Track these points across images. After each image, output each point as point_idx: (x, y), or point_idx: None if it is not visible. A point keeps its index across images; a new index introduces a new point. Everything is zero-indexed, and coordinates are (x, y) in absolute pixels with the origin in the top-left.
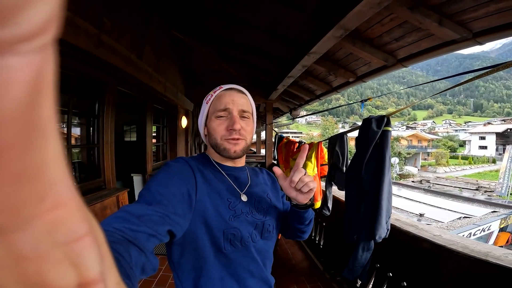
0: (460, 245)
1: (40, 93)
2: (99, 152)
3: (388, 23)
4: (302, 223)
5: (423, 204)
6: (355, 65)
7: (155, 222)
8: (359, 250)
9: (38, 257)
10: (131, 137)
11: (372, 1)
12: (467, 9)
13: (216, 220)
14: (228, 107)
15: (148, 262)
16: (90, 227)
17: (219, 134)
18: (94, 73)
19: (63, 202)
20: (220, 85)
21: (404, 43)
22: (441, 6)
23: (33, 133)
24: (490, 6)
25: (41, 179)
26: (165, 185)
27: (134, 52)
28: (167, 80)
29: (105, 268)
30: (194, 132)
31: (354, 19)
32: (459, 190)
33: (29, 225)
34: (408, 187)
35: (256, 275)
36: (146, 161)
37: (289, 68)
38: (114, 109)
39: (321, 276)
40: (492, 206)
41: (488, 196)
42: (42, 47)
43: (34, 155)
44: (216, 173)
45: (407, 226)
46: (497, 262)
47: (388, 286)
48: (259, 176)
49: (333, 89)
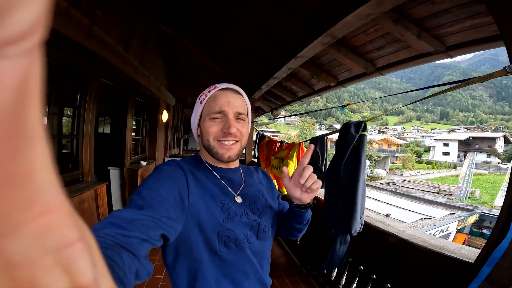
0: (420, 239)
1: (27, 97)
2: (78, 143)
3: (372, 33)
4: (301, 222)
5: (390, 205)
6: (337, 70)
7: (147, 227)
8: (337, 243)
9: (29, 264)
10: (104, 129)
11: (361, 13)
12: (445, 24)
13: (210, 223)
14: (224, 109)
15: (142, 267)
16: (81, 233)
17: (213, 135)
18: (79, 64)
19: (52, 208)
20: (215, 84)
21: (384, 52)
22: (422, 20)
23: (20, 138)
24: (465, 22)
25: (29, 185)
26: (156, 189)
27: (122, 44)
28: (151, 73)
29: (98, 274)
30: (174, 127)
31: (342, 28)
32: (422, 192)
33: (19, 232)
34: (377, 189)
35: (252, 277)
36: (124, 155)
37: (275, 69)
38: (96, 101)
39: (298, 270)
40: (451, 208)
41: (448, 199)
42: (28, 51)
43: (21, 160)
44: (208, 175)
45: (376, 222)
46: (451, 255)
47: (360, 279)
48: (254, 176)
49: (315, 92)
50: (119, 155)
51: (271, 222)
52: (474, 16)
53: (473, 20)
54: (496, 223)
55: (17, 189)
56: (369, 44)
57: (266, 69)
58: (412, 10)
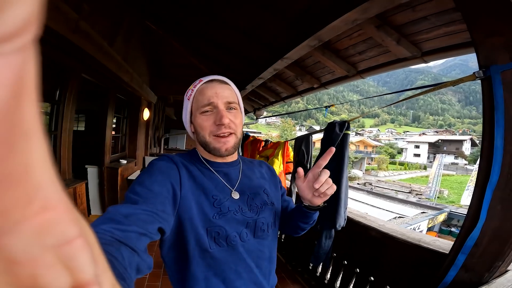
0: (399, 233)
1: (23, 94)
2: (56, 140)
3: (356, 37)
4: (307, 222)
5: (366, 204)
6: (320, 72)
7: (144, 221)
8: (323, 238)
9: (30, 261)
10: (78, 126)
11: (348, 18)
12: (422, 31)
13: (199, 218)
14: (212, 101)
15: (142, 261)
16: (81, 229)
17: (207, 130)
18: (61, 58)
19: (51, 205)
20: (200, 78)
21: (366, 56)
22: (402, 27)
23: (17, 135)
24: (441, 29)
25: (28, 182)
26: (150, 184)
27: (106, 39)
28: (134, 70)
29: (99, 270)
30: (155, 126)
31: (329, 32)
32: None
33: (18, 229)
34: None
35: (245, 277)
36: (104, 153)
37: (261, 70)
38: (76, 97)
39: (284, 267)
40: (421, 207)
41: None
42: (23, 47)
43: (18, 158)
44: (204, 169)
45: (358, 217)
46: (428, 247)
47: (344, 273)
48: (256, 170)
49: (298, 93)
50: (98, 153)
51: (271, 219)
52: (449, 24)
53: (447, 28)
54: (467, 213)
55: (15, 186)
56: (352, 48)
57: (251, 69)
58: (394, 17)
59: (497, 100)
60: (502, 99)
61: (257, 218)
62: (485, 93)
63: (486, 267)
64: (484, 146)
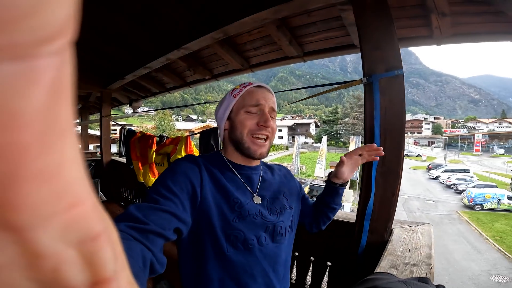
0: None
1: (59, 95)
2: None
3: (255, 34)
4: (338, 201)
5: None
6: (214, 64)
7: (162, 221)
8: None
9: (55, 255)
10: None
11: (259, 17)
12: (309, 34)
13: (219, 221)
14: (261, 103)
15: (156, 260)
16: (105, 226)
17: (247, 128)
18: None
19: (80, 201)
20: (250, 82)
21: (259, 52)
22: (296, 29)
23: (52, 134)
24: (322, 34)
25: (59, 178)
26: (171, 184)
27: None
28: None
29: (118, 267)
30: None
31: (237, 27)
32: None
33: (47, 224)
34: None
35: (260, 281)
36: None
37: (150, 59)
38: None
39: None
40: None
41: None
42: (60, 50)
43: (53, 155)
44: (227, 172)
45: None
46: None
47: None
48: (275, 174)
49: (186, 84)
50: None
51: (289, 223)
52: (329, 30)
53: (327, 33)
54: (361, 187)
55: (48, 182)
56: (250, 43)
57: (136, 58)
58: (292, 19)
59: (376, 101)
60: (379, 100)
61: (276, 222)
62: (367, 95)
63: (384, 228)
64: (366, 135)
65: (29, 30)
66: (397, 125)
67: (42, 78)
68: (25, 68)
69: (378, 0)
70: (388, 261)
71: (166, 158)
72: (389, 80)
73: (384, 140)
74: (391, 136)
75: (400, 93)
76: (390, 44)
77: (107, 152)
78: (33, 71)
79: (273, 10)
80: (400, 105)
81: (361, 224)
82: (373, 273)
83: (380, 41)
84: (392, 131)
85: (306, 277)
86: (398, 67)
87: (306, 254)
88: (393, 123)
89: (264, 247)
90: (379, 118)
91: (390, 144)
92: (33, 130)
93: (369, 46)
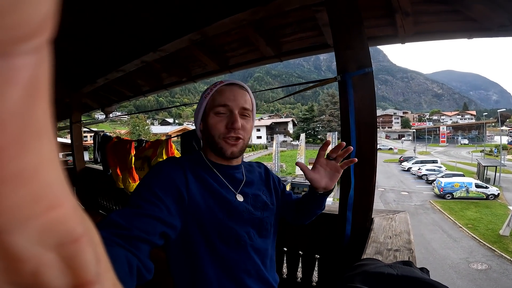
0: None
1: (36, 94)
2: None
3: (233, 35)
4: (320, 206)
5: None
6: (192, 66)
7: (146, 226)
8: None
9: (34, 259)
10: None
11: (238, 18)
12: (285, 34)
13: (210, 220)
14: (229, 103)
15: (143, 266)
16: (86, 228)
17: (217, 132)
18: None
19: (58, 203)
20: (221, 80)
21: (237, 53)
22: (273, 29)
23: (29, 134)
24: (297, 34)
25: (37, 180)
26: (154, 187)
27: None
28: None
29: (101, 270)
30: None
31: (215, 28)
32: None
33: (25, 226)
34: None
35: (254, 275)
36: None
37: (123, 62)
38: None
39: None
40: None
41: None
42: (37, 48)
43: (30, 156)
44: (209, 172)
45: None
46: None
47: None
48: (255, 172)
49: (163, 87)
50: None
51: (273, 218)
52: (304, 31)
53: (302, 34)
54: (342, 179)
55: (25, 184)
56: (227, 44)
57: (109, 61)
58: (270, 20)
59: (350, 98)
60: (352, 97)
61: (262, 217)
62: (341, 92)
63: (365, 217)
64: (343, 129)
65: (5, 28)
66: (369, 119)
67: (18, 77)
68: (0, 66)
69: (349, 1)
70: (373, 248)
71: (146, 163)
72: (360, 78)
73: (359, 134)
74: (365, 129)
75: (371, 89)
76: (360, 43)
77: (80, 160)
78: (9, 70)
79: (251, 11)
80: (371, 100)
81: (344, 215)
82: (361, 260)
83: (351, 40)
84: (366, 125)
85: (297, 271)
86: (368, 65)
87: (294, 248)
88: (366, 118)
89: (254, 242)
90: (353, 113)
91: (365, 137)
92: (9, 131)
93: (341, 45)
